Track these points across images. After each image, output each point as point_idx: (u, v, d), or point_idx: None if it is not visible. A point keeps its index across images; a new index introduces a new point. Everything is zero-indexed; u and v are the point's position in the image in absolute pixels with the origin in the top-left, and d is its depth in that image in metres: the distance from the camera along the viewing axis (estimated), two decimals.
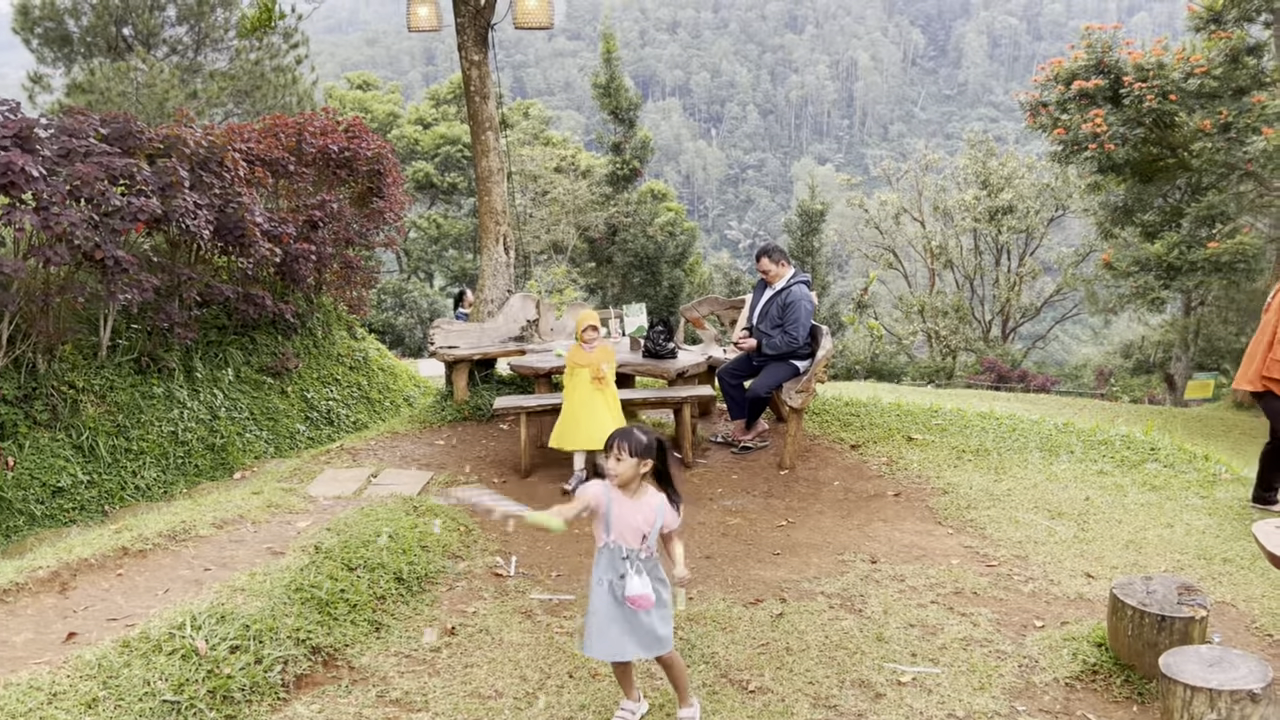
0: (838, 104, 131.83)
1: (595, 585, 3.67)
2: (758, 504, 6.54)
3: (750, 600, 5.02)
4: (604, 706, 3.97)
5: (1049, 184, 32.81)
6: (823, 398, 8.70)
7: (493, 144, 8.94)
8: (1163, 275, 19.25)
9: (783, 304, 7.09)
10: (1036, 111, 19.68)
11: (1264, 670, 3.44)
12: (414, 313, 29.40)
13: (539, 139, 34.04)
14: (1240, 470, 7.03)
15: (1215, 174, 18.60)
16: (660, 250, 29.41)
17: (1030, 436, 7.77)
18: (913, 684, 4.20)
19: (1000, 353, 33.88)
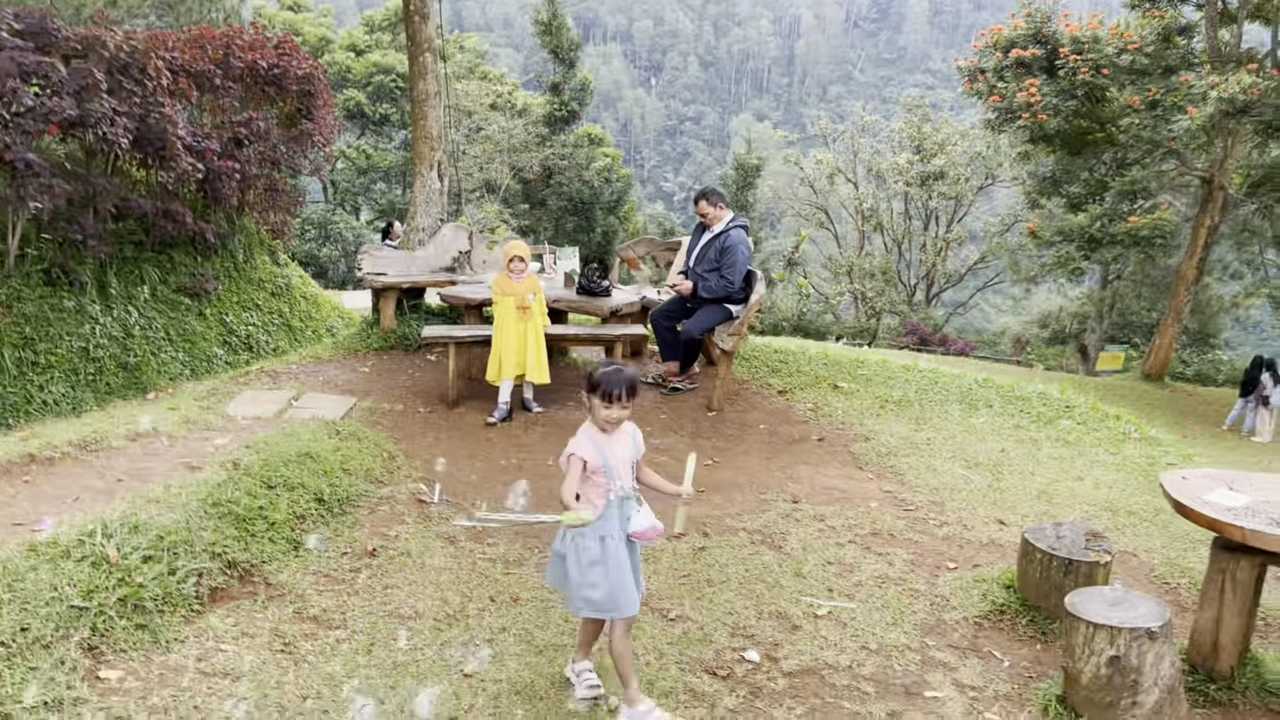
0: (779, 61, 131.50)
1: (608, 541, 3.38)
2: (685, 443, 6.58)
3: (673, 534, 5.06)
4: (524, 630, 3.98)
5: (980, 152, 33.29)
6: (752, 344, 8.77)
7: (431, 66, 8.69)
8: (1084, 246, 19.74)
9: (720, 248, 7.08)
10: (974, 77, 19.88)
11: (1162, 611, 3.58)
12: (339, 245, 28.76)
13: (475, 73, 33.32)
14: (1149, 431, 7.29)
15: (1141, 150, 19.08)
16: (596, 196, 29.18)
17: (951, 390, 7.94)
18: (829, 617, 4.30)
19: (923, 316, 34.53)
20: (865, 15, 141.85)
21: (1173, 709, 3.54)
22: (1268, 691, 3.93)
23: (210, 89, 9.41)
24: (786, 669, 3.88)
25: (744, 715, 3.53)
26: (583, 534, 3.37)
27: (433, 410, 6.98)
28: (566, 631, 3.98)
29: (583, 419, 7.08)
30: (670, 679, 3.71)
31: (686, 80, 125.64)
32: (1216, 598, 3.94)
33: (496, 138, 28.76)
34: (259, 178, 10.32)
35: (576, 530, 3.37)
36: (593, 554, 3.38)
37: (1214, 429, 17.63)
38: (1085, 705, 3.61)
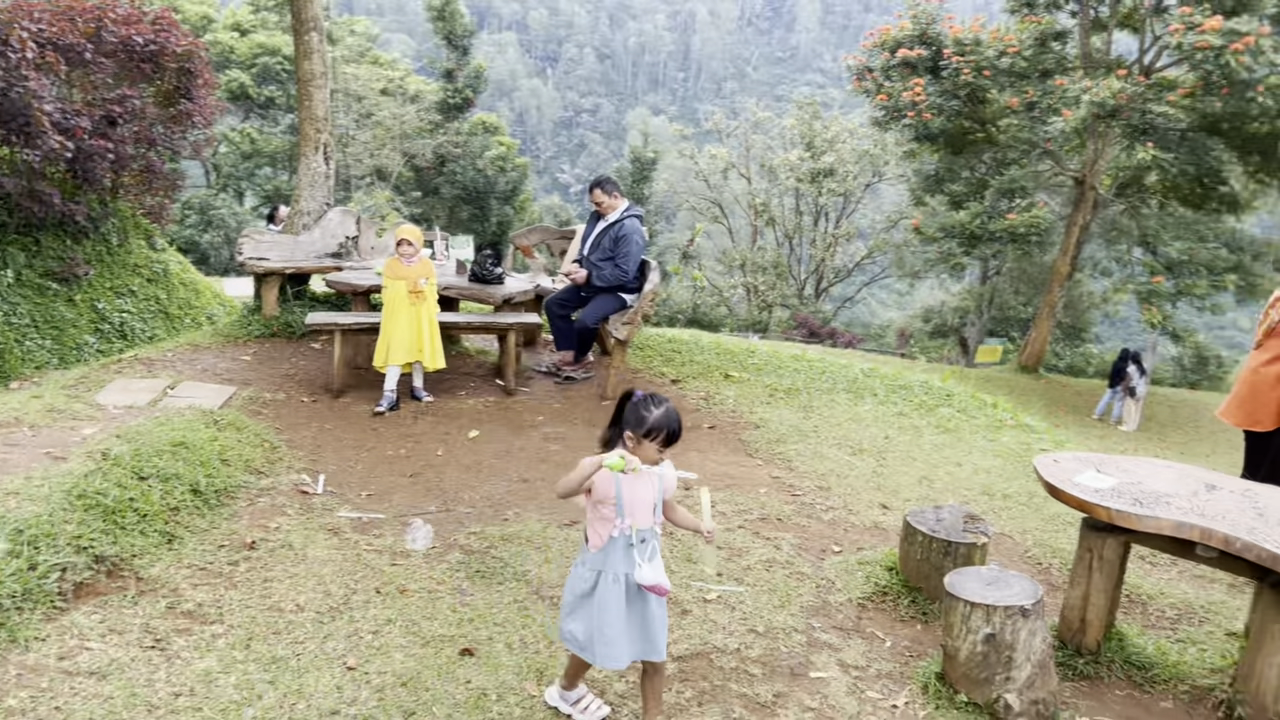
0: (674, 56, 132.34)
1: (603, 580, 3.09)
2: (579, 432, 6.56)
3: (565, 522, 5.04)
4: (410, 621, 3.90)
5: (868, 150, 34.19)
6: (646, 334, 8.80)
7: (316, 46, 8.43)
8: (965, 243, 20.47)
9: (615, 237, 7.07)
10: (862, 76, 20.39)
11: (1035, 589, 3.72)
12: (221, 231, 27.74)
13: (365, 58, 32.53)
14: (1023, 419, 7.58)
15: (1019, 150, 19.89)
16: (490, 185, 28.87)
17: (838, 379, 8.12)
18: (718, 601, 4.34)
19: (813, 310, 35.32)
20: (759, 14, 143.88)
21: (1044, 683, 3.68)
22: (1130, 664, 4.13)
23: (81, 64, 8.92)
24: (676, 653, 3.89)
25: (633, 700, 3.53)
26: (582, 562, 3.16)
27: (317, 400, 6.78)
28: (454, 622, 3.92)
29: (476, 410, 7.01)
30: (560, 667, 3.68)
31: (583, 72, 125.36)
32: (1085, 576, 4.12)
33: (388, 124, 28.16)
34: (134, 159, 9.84)
35: (580, 559, 3.18)
36: (584, 587, 3.13)
37: (1085, 418, 18.52)
38: (963, 681, 3.72)
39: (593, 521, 3.16)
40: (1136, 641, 4.28)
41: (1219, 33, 15.66)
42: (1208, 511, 3.80)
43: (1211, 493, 4.03)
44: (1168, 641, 4.40)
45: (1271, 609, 3.67)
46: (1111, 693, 3.99)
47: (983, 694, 3.67)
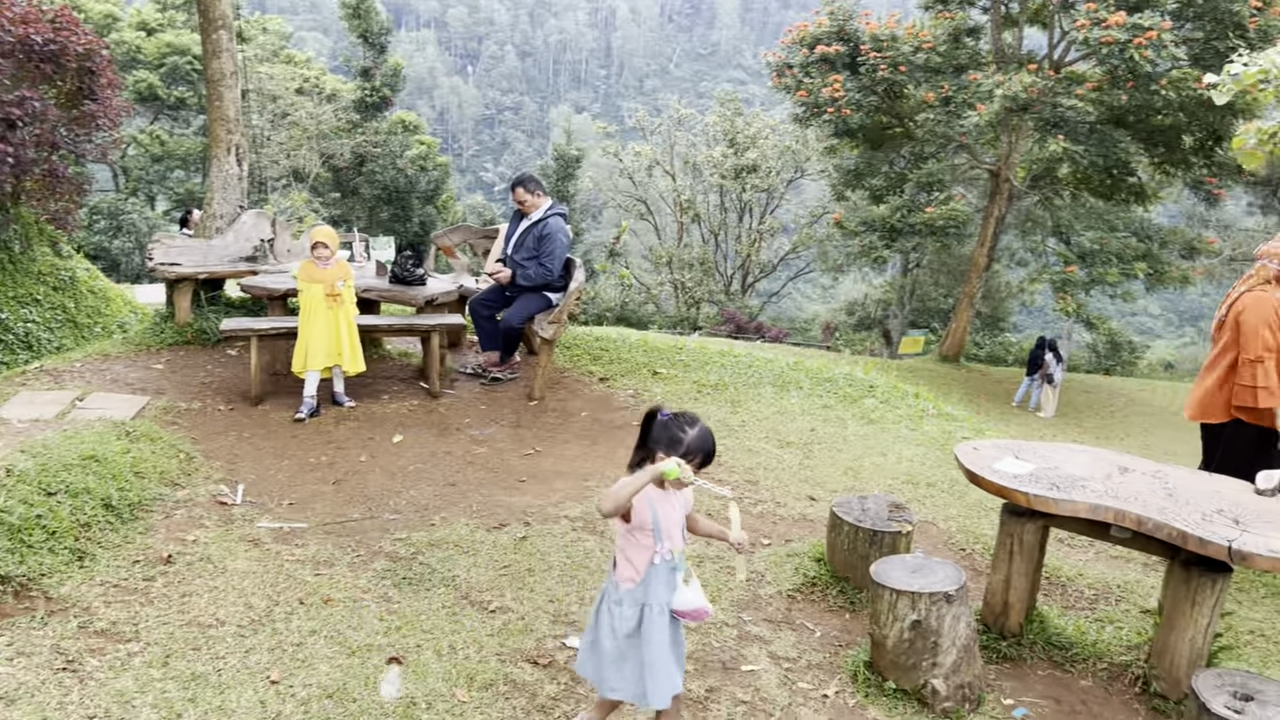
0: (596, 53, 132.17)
1: (648, 612, 2.91)
2: (506, 433, 6.50)
3: (494, 525, 4.99)
4: (336, 631, 3.82)
5: (790, 146, 34.55)
6: (573, 332, 8.75)
7: (225, 44, 8.20)
8: (886, 236, 20.83)
9: (539, 235, 7.02)
10: (782, 73, 20.60)
11: (958, 575, 3.79)
12: (132, 236, 26.86)
13: (279, 56, 31.81)
14: (945, 408, 7.72)
15: (935, 144, 20.28)
16: (411, 184, 28.47)
17: (764, 373, 8.19)
18: None
19: (740, 305, 35.58)
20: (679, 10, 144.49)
21: (969, 666, 3.75)
22: (1051, 645, 4.23)
23: None
24: None
25: (565, 702, 3.51)
26: (621, 601, 2.91)
27: (234, 408, 6.60)
28: (380, 631, 3.85)
29: (400, 414, 6.89)
30: (491, 671, 3.64)
31: (504, 70, 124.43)
32: (1006, 560, 4.21)
33: (304, 124, 27.58)
34: (36, 163, 9.46)
35: (614, 598, 2.93)
36: (628, 627, 2.91)
37: (1005, 405, 18.98)
38: (891, 669, 3.78)
39: (627, 551, 2.92)
40: (1057, 622, 4.39)
41: (1123, 28, 16.19)
42: (1121, 493, 3.91)
43: (1124, 475, 4.15)
44: (1086, 621, 4.52)
45: (1182, 586, 3.80)
46: (1034, 673, 4.08)
47: (910, 680, 3.73)
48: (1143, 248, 19.39)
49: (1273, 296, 4.97)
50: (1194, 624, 3.78)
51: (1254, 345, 4.96)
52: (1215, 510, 3.80)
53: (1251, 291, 5.06)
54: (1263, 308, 4.97)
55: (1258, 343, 4.95)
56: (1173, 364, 45.90)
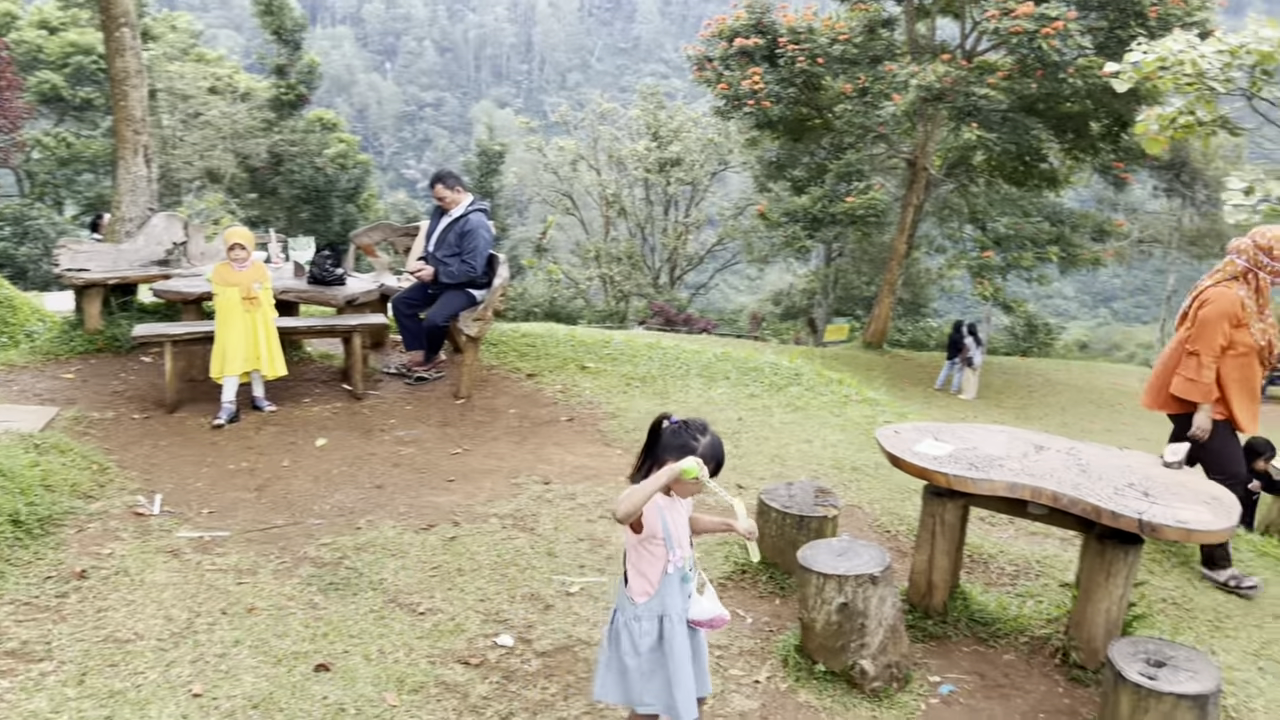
0: (517, 48, 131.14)
1: (667, 624, 2.86)
2: (433, 433, 6.42)
3: (423, 526, 4.93)
4: (260, 640, 3.74)
5: (713, 139, 34.71)
6: (500, 330, 8.69)
7: (129, 42, 7.93)
8: (808, 226, 21.04)
9: (460, 232, 6.94)
10: (702, 66, 20.68)
11: (883, 557, 3.86)
12: (39, 242, 25.84)
13: (189, 55, 30.91)
14: (868, 393, 7.85)
15: (854, 135, 20.56)
16: (331, 183, 27.95)
17: (692, 365, 8.23)
18: (581, 593, 4.33)
19: (668, 298, 35.68)
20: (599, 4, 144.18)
21: (896, 646, 3.82)
22: (975, 621, 4.34)
23: None
24: (540, 649, 3.86)
25: (497, 701, 3.49)
26: (639, 616, 2.85)
27: (150, 416, 6.41)
28: (307, 638, 3.78)
29: (323, 417, 6.77)
30: (421, 674, 3.60)
31: (423, 65, 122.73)
32: (929, 540, 4.30)
33: (218, 123, 26.85)
34: None
35: (631, 614, 2.86)
36: (651, 639, 2.85)
37: (928, 389, 19.36)
38: (820, 651, 3.83)
39: (639, 564, 2.87)
40: (980, 599, 4.50)
41: (1031, 18, 16.60)
42: (1037, 471, 4.02)
43: (1040, 453, 4.26)
44: (1008, 597, 4.64)
45: (1097, 559, 3.92)
46: (959, 650, 4.18)
47: (839, 662, 3.79)
48: (1055, 232, 19.90)
49: (1236, 293, 4.88)
50: (1109, 595, 3.91)
51: (1201, 339, 4.88)
52: (1126, 484, 3.93)
53: (1217, 286, 4.96)
54: (1226, 304, 4.87)
55: (1206, 337, 4.86)
56: (1087, 344, 47.40)
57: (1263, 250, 4.88)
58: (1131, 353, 42.92)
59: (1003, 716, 3.73)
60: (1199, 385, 4.91)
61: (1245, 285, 4.91)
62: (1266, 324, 4.97)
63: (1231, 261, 4.98)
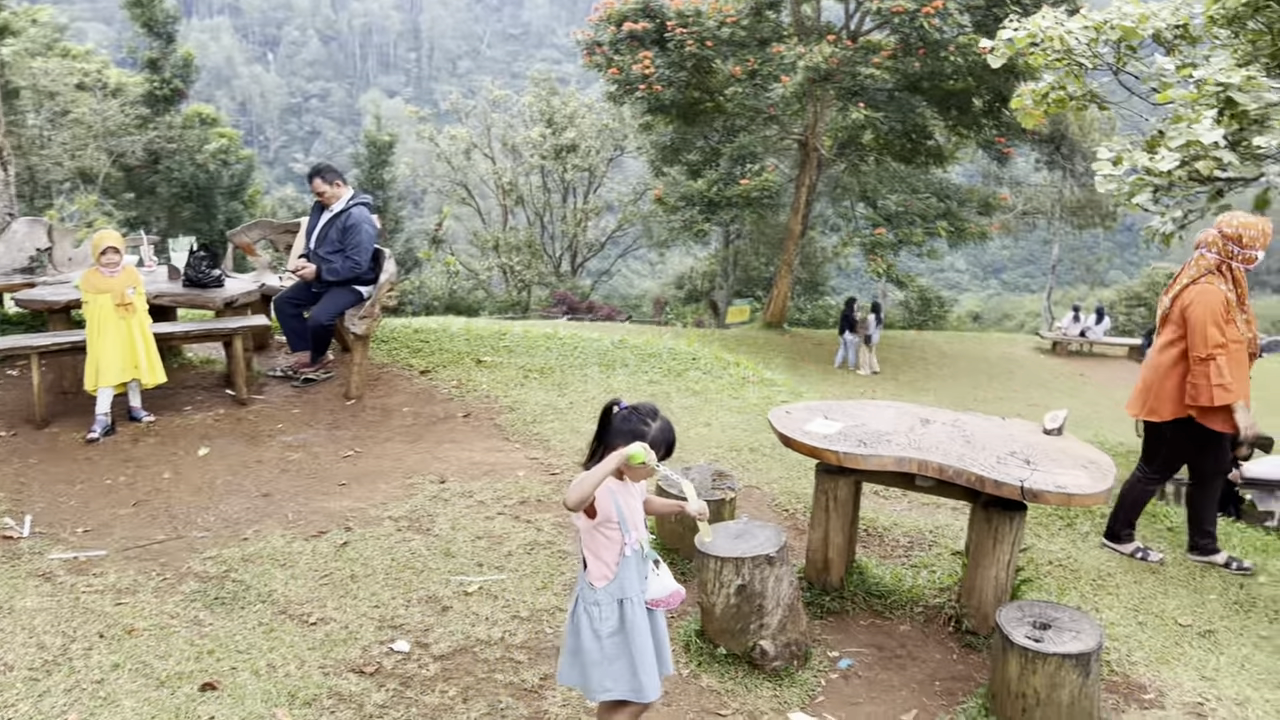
0: (404, 36, 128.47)
1: (628, 606, 2.85)
2: (323, 436, 6.23)
3: (313, 533, 4.78)
4: (141, 662, 3.56)
5: (608, 124, 34.63)
6: (391, 325, 8.49)
7: None
8: (705, 210, 21.17)
9: (343, 227, 6.73)
10: (592, 50, 20.58)
11: (779, 537, 3.89)
12: None
13: (54, 50, 29.38)
14: (764, 374, 7.93)
15: (745, 117, 20.75)
16: (213, 180, 26.97)
17: (590, 354, 8.18)
18: (480, 592, 4.25)
19: (570, 286, 35.55)
20: None
21: (794, 624, 3.86)
22: (871, 595, 4.41)
23: None
24: (437, 652, 3.78)
25: (394, 709, 3.39)
26: (598, 601, 2.84)
27: (16, 433, 6.07)
28: (191, 657, 3.62)
29: (206, 425, 6.51)
30: (314, 686, 3.49)
31: (307, 56, 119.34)
32: (823, 517, 4.35)
33: (89, 121, 25.57)
34: None
35: (591, 598, 2.84)
36: (613, 622, 2.85)
37: (827, 366, 19.73)
38: (720, 635, 3.84)
39: (595, 550, 2.85)
40: (875, 572, 4.58)
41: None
42: (923, 444, 4.10)
43: (926, 427, 4.35)
44: (903, 568, 4.74)
45: (984, 526, 4.02)
46: (857, 623, 4.24)
47: (740, 644, 3.81)
48: (943, 207, 20.44)
49: (1218, 288, 4.67)
50: (996, 561, 4.02)
51: (1202, 343, 4.64)
52: (1009, 453, 4.03)
53: (1196, 284, 4.73)
54: (1210, 301, 4.65)
55: (1209, 338, 4.62)
56: (980, 315, 49.03)
57: (1231, 240, 4.71)
58: (1021, 321, 44.57)
59: (899, 686, 3.80)
60: (1225, 387, 4.61)
61: (1222, 278, 4.71)
62: (1248, 314, 4.80)
63: (1203, 256, 4.77)
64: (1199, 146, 5.83)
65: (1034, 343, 23.76)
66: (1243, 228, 4.72)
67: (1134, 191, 6.39)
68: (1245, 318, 4.79)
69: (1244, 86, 5.95)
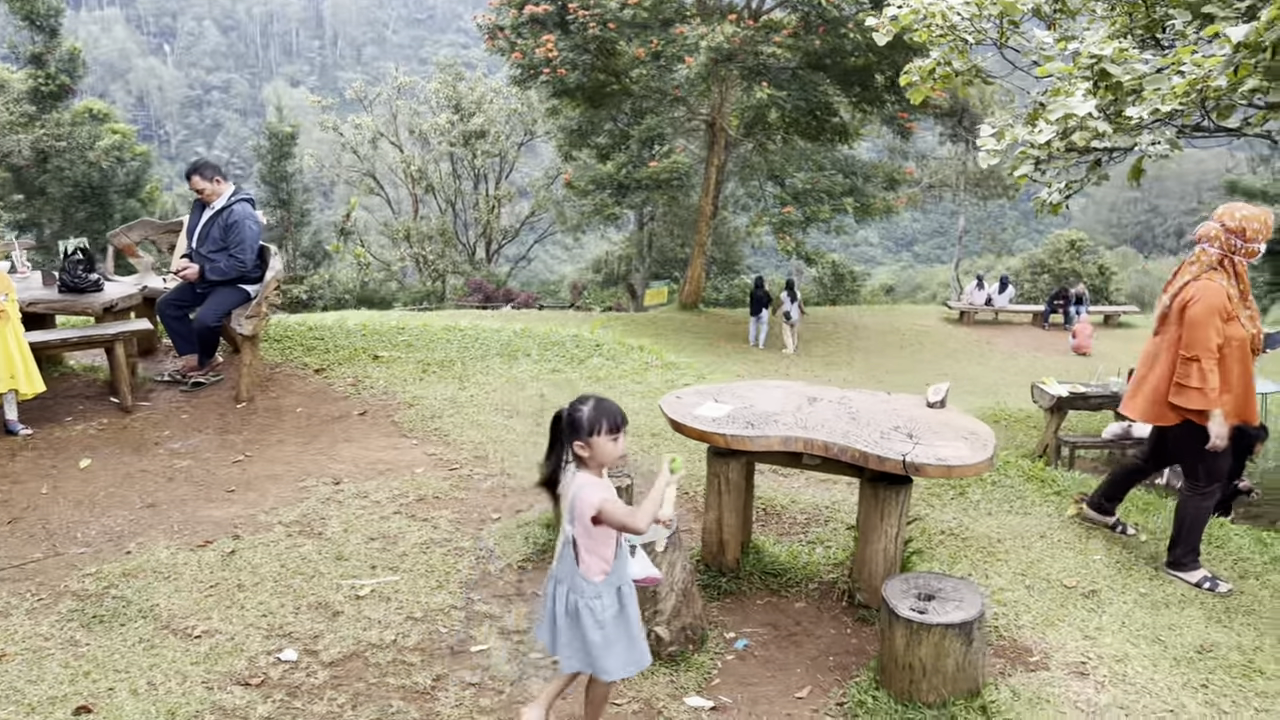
0: (306, 23, 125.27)
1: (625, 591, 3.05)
2: (212, 442, 6.04)
3: (199, 543, 4.63)
4: (11, 689, 3.42)
5: (516, 109, 34.30)
6: (285, 323, 8.28)
7: None
8: (615, 193, 21.14)
9: (225, 224, 6.52)
10: (494, 35, 20.33)
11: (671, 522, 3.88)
12: None
13: None
14: (667, 357, 7.94)
15: (652, 99, 20.72)
16: (107, 178, 25.96)
17: (491, 344, 8.09)
18: (372, 595, 4.17)
19: (486, 274, 35.20)
20: None
21: (689, 609, 3.86)
22: (767, 573, 4.45)
23: None
24: (327, 659, 3.70)
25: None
26: (599, 594, 2.97)
27: None
28: (66, 679, 3.48)
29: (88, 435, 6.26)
30: (196, 702, 3.38)
31: (207, 46, 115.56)
32: (716, 500, 4.36)
33: None
34: None
35: (591, 593, 2.97)
36: (613, 609, 3.01)
37: (742, 345, 19.91)
38: None
39: (595, 547, 2.96)
40: (772, 551, 4.62)
41: None
42: (810, 423, 4.14)
43: (813, 405, 4.39)
44: (799, 545, 4.79)
45: (871, 500, 4.08)
46: (753, 603, 4.27)
47: None
48: (849, 183, 20.73)
49: (1220, 285, 4.44)
50: (884, 535, 4.08)
51: (1196, 342, 4.40)
52: (892, 428, 4.09)
53: (1199, 280, 4.48)
54: (1212, 300, 4.41)
55: (1201, 339, 4.39)
56: (893, 287, 49.99)
57: (1235, 233, 4.46)
58: (934, 292, 45.53)
59: (794, 663, 3.84)
60: (1205, 393, 4.40)
61: (1224, 274, 4.48)
62: (1251, 309, 4.57)
63: (1204, 251, 4.53)
64: (1075, 119, 5.97)
65: (943, 313, 24.29)
66: (1246, 221, 4.47)
67: (1016, 165, 6.54)
68: (1249, 313, 4.55)
69: (1116, 58, 6.10)
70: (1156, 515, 5.44)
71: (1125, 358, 17.71)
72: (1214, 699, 3.67)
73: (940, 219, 68.33)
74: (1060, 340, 20.38)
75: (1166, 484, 7.89)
